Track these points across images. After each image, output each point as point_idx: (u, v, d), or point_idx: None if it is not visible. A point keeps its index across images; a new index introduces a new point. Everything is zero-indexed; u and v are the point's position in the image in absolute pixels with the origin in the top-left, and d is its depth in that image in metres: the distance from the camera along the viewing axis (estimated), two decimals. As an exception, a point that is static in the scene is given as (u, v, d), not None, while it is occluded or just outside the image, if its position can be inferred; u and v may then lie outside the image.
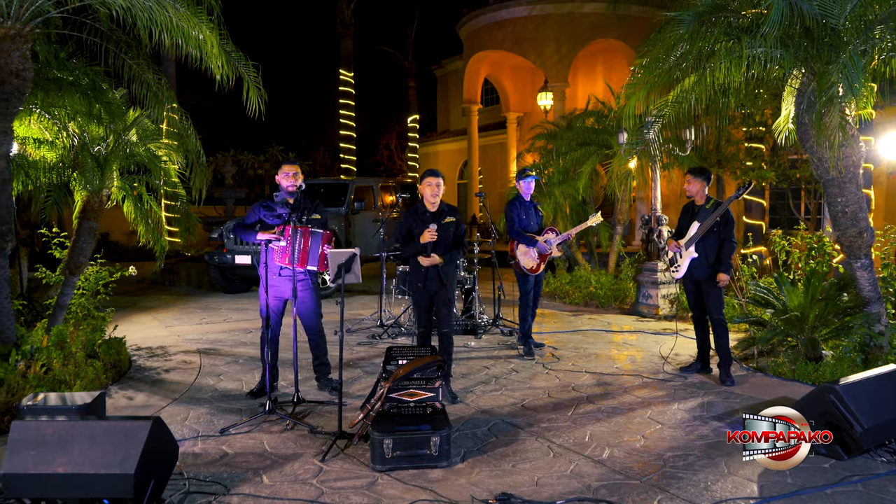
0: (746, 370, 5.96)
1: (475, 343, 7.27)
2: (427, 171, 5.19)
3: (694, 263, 5.58)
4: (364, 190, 12.13)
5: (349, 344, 7.24)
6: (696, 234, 5.49)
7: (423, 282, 5.13)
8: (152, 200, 7.25)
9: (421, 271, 5.12)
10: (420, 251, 5.08)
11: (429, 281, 5.12)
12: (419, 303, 5.25)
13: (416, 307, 5.34)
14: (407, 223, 5.18)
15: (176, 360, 6.53)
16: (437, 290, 5.15)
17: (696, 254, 5.53)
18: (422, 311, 5.24)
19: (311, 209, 5.31)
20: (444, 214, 5.13)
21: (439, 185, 5.08)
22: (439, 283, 5.13)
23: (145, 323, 8.57)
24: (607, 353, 6.75)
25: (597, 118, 11.17)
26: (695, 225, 5.55)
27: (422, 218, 5.08)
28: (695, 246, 5.55)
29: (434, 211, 5.14)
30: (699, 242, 5.52)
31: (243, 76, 5.42)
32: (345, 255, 4.25)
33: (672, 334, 7.58)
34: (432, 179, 5.07)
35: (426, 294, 5.18)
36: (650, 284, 8.85)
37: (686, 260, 5.59)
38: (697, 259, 5.55)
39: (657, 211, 8.99)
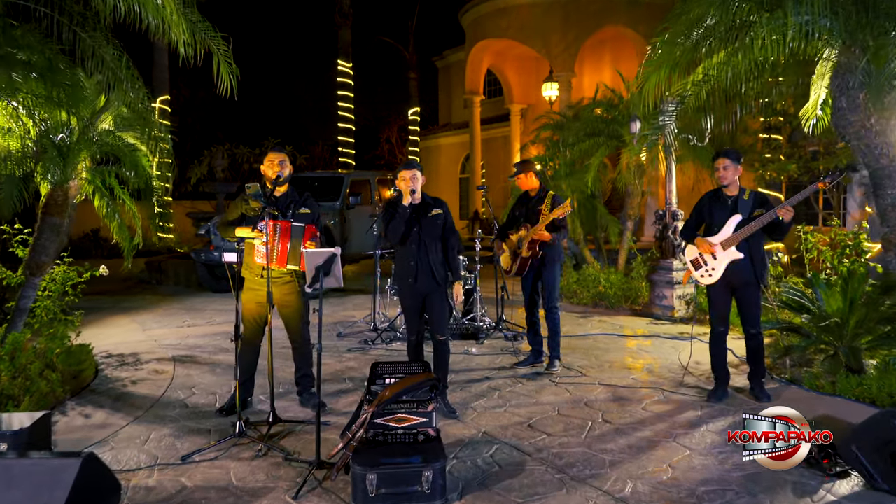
0: (779, 382, 5.34)
1: (476, 349, 6.67)
2: (402, 163, 4.69)
3: (734, 267, 4.78)
4: (360, 184, 11.54)
5: (338, 350, 6.65)
6: (742, 231, 4.69)
7: (413, 277, 4.54)
8: (125, 194, 6.65)
9: (410, 265, 4.55)
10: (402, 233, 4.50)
11: (420, 277, 4.54)
12: (409, 305, 4.67)
13: (405, 310, 4.72)
14: (387, 217, 4.63)
15: (147, 369, 5.95)
16: (431, 289, 4.58)
17: (742, 254, 4.74)
18: (412, 315, 4.65)
19: (300, 202, 4.73)
20: (430, 207, 4.62)
21: (414, 178, 4.52)
22: (432, 280, 4.56)
23: (123, 326, 7.99)
24: (621, 362, 6.14)
25: (606, 107, 10.53)
26: (734, 219, 4.76)
27: (400, 214, 4.53)
28: (736, 246, 4.74)
29: (417, 204, 4.59)
30: (745, 241, 4.73)
31: (212, 50, 4.81)
32: (322, 255, 3.65)
33: (690, 339, 6.98)
34: (405, 173, 4.54)
35: (417, 294, 4.60)
36: (665, 284, 8.23)
37: (723, 262, 4.80)
38: (742, 261, 4.75)
39: (672, 205, 8.37)
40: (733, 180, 4.81)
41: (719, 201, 4.92)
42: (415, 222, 4.54)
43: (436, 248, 4.57)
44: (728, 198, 4.86)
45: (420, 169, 4.62)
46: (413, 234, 4.53)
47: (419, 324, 4.67)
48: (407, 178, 4.51)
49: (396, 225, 4.51)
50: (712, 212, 4.93)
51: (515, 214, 5.94)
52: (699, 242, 4.89)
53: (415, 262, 4.52)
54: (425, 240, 4.53)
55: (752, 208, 4.73)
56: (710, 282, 4.90)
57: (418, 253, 4.52)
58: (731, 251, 4.77)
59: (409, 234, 4.53)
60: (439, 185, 23.71)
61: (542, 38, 16.39)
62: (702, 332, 7.25)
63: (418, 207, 4.57)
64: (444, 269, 4.62)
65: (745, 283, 4.81)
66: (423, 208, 4.58)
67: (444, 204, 4.75)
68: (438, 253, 4.59)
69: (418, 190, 4.55)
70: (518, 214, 5.90)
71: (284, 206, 4.62)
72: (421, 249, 4.52)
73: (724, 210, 4.85)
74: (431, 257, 4.54)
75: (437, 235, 4.59)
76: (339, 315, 8.70)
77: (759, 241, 4.79)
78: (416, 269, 4.52)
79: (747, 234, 4.69)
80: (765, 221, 4.65)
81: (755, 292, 4.85)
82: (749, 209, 4.74)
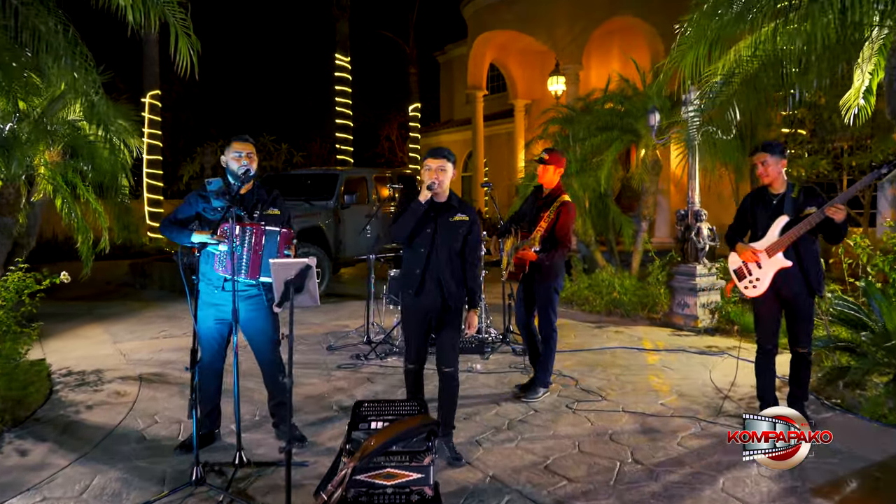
0: (830, 408, 4.63)
1: (481, 365, 5.95)
2: (430, 150, 3.80)
3: (783, 276, 4.07)
4: (356, 182, 10.82)
5: (326, 367, 5.94)
6: (788, 235, 4.00)
7: (416, 289, 3.74)
8: (89, 192, 5.95)
9: (414, 273, 3.74)
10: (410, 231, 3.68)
11: (425, 291, 3.74)
12: (411, 323, 3.85)
13: (405, 329, 3.93)
14: (398, 210, 3.82)
15: (108, 390, 5.24)
16: (438, 309, 3.77)
17: (790, 262, 4.05)
18: (414, 337, 3.84)
19: (268, 202, 4.02)
20: (453, 210, 3.77)
21: (442, 170, 3.69)
22: (440, 297, 3.74)
23: (93, 337, 7.28)
24: (645, 382, 5.42)
25: (620, 99, 9.79)
26: (779, 222, 4.06)
27: (413, 208, 3.69)
28: (783, 252, 4.05)
29: (440, 203, 3.78)
30: (793, 246, 4.04)
31: (168, 20, 4.10)
32: (293, 267, 2.93)
33: (720, 354, 6.27)
34: (433, 162, 3.70)
35: (420, 310, 3.79)
36: (687, 291, 7.51)
37: (770, 271, 4.09)
38: (791, 270, 4.04)
39: (695, 205, 7.65)
40: (777, 177, 4.09)
41: (763, 202, 4.20)
42: (430, 222, 3.72)
43: (450, 259, 3.75)
44: (773, 197, 4.14)
45: (451, 160, 3.75)
46: (424, 235, 3.71)
47: (422, 348, 3.85)
48: (433, 167, 3.68)
49: (406, 220, 3.67)
50: (755, 214, 4.22)
51: (523, 209, 5.16)
52: (741, 249, 4.19)
53: (421, 269, 3.70)
54: (438, 245, 3.71)
55: (801, 207, 4.01)
56: (755, 294, 4.18)
57: (427, 259, 3.70)
58: (777, 258, 4.05)
59: (419, 233, 3.71)
60: (441, 183, 22.96)
61: (547, 29, 15.66)
62: (730, 346, 6.55)
63: (438, 207, 3.76)
64: (458, 289, 3.79)
65: (796, 294, 4.10)
66: (445, 209, 3.77)
67: (474, 212, 3.87)
68: (454, 265, 3.76)
69: (445, 186, 3.73)
70: (524, 211, 5.11)
71: (251, 205, 3.91)
72: (432, 256, 3.70)
73: (768, 211, 4.14)
74: (443, 268, 3.72)
75: (455, 245, 3.77)
76: (331, 324, 7.99)
77: (810, 246, 4.08)
78: (422, 279, 3.71)
79: (794, 238, 3.98)
80: (813, 223, 3.93)
81: (808, 305, 4.13)
82: (797, 209, 4.02)
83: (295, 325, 8.19)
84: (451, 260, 3.75)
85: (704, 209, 7.76)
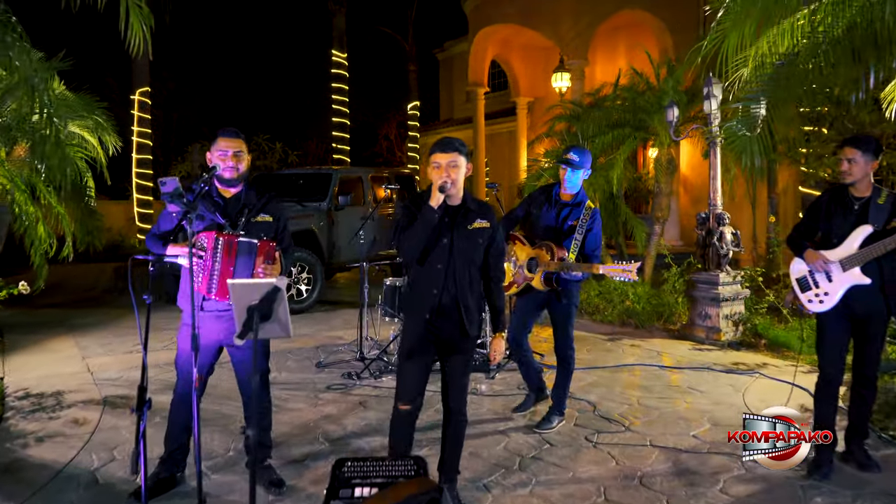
0: (889, 443, 4.03)
1: (486, 386, 5.36)
2: (436, 143, 3.05)
3: (858, 293, 3.47)
4: (351, 182, 10.21)
5: (315, 388, 5.34)
6: (871, 249, 3.39)
7: (431, 313, 3.03)
8: (51, 194, 5.35)
9: (431, 293, 3.00)
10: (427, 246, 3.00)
11: (441, 316, 3.03)
12: (414, 352, 3.08)
13: (403, 357, 3.13)
14: (402, 220, 3.05)
15: (66, 417, 4.64)
16: (453, 338, 3.09)
17: (869, 279, 3.43)
18: (414, 370, 3.09)
19: (258, 207, 3.41)
20: (471, 215, 3.06)
21: (455, 165, 2.95)
22: (457, 324, 3.05)
23: (61, 351, 6.67)
24: (672, 408, 4.82)
25: (631, 95, 9.20)
26: (862, 231, 3.44)
27: (425, 217, 2.93)
28: (861, 267, 3.45)
29: (455, 206, 3.05)
30: (875, 261, 3.43)
31: (117, -9, 3.51)
32: (258, 289, 2.34)
33: (751, 373, 5.67)
34: (441, 157, 2.95)
35: (429, 338, 3.07)
36: (709, 301, 6.91)
37: (842, 285, 3.49)
38: (869, 287, 3.44)
39: (717, 207, 7.05)
40: (863, 178, 3.47)
41: (843, 204, 3.58)
42: (445, 230, 3.01)
43: (470, 276, 3.07)
44: (855, 201, 3.53)
45: (464, 152, 3.01)
46: (440, 248, 3.01)
47: (422, 384, 3.12)
48: (443, 163, 2.94)
49: (417, 232, 2.93)
50: (831, 217, 3.60)
51: (530, 212, 4.42)
52: (810, 256, 3.56)
53: (439, 289, 3.01)
54: (457, 259, 3.02)
55: (890, 217, 3.40)
56: (820, 309, 3.57)
57: (445, 277, 3.02)
58: (853, 272, 3.45)
59: (433, 246, 3.01)
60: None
61: (552, 23, 15.07)
62: (759, 363, 5.97)
63: (453, 211, 3.05)
64: (478, 312, 3.14)
65: (871, 314, 3.51)
66: (462, 214, 3.06)
67: (493, 213, 3.16)
68: (474, 284, 3.10)
69: (460, 185, 3.01)
70: (535, 216, 4.40)
71: (235, 212, 3.32)
72: (450, 272, 3.02)
73: (849, 217, 3.52)
74: (462, 289, 3.04)
75: (475, 258, 3.08)
76: (323, 335, 7.39)
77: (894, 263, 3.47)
78: (439, 302, 3.02)
79: (879, 254, 3.36)
80: None
81: (883, 324, 3.55)
82: (884, 218, 3.41)
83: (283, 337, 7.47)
84: (471, 277, 3.08)
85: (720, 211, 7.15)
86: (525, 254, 4.41)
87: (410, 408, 3.10)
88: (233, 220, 3.26)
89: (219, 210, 3.27)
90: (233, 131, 3.40)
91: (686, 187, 14.37)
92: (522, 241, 4.48)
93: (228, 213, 3.29)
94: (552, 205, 4.35)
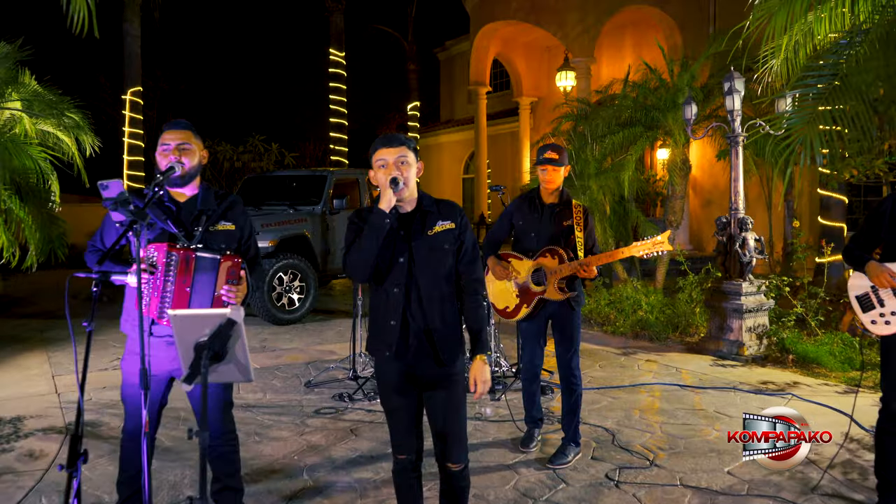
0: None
1: (491, 410, 4.85)
2: (378, 139, 2.52)
3: None
4: (347, 184, 9.72)
5: (302, 411, 4.84)
6: None
7: (392, 348, 2.47)
8: (13, 199, 4.86)
9: (388, 325, 2.47)
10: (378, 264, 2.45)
11: (407, 349, 2.47)
12: (391, 397, 2.55)
13: (385, 404, 2.61)
14: (349, 237, 2.52)
15: (21, 448, 4.14)
16: (429, 373, 2.51)
17: None
18: (399, 416, 2.55)
19: (218, 213, 2.89)
20: (431, 218, 2.52)
21: (405, 161, 2.44)
22: (430, 356, 2.48)
23: (29, 368, 6.17)
24: (700, 437, 4.31)
25: (643, 92, 8.71)
26: None
27: (373, 226, 2.39)
28: None
29: (410, 212, 2.53)
30: None
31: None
32: (208, 321, 1.83)
33: (782, 394, 5.17)
34: (385, 153, 2.44)
35: (401, 378, 2.52)
36: (731, 312, 6.40)
37: None
38: None
39: (739, 211, 6.54)
40: None
41: None
42: (400, 244, 2.48)
43: (440, 294, 2.50)
44: None
45: (412, 147, 2.50)
46: (397, 270, 2.47)
47: (414, 430, 2.57)
48: (390, 160, 2.43)
49: (364, 246, 2.40)
50: None
51: (516, 224, 4.01)
52: (873, 270, 3.04)
53: (398, 320, 2.46)
54: (419, 279, 2.47)
55: None
56: (886, 332, 3.06)
57: (407, 302, 2.47)
58: None
59: (388, 266, 2.47)
60: (441, 186, 21.90)
61: (556, 19, 14.58)
62: (790, 382, 5.47)
63: (408, 219, 2.52)
64: (455, 337, 2.54)
65: None
66: (419, 220, 2.51)
67: (458, 210, 2.60)
68: (445, 302, 2.51)
69: (410, 184, 2.47)
70: (522, 228, 3.99)
71: (190, 219, 2.81)
72: (412, 295, 2.47)
73: None
74: (431, 313, 2.48)
75: (441, 270, 2.50)
76: (314, 349, 6.90)
77: None
78: (401, 332, 2.47)
79: None
80: None
81: None
82: None
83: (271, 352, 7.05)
84: (440, 295, 2.50)
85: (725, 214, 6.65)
86: (525, 268, 3.94)
87: (408, 458, 2.57)
88: (188, 228, 2.76)
89: (170, 217, 2.76)
90: (179, 122, 2.86)
91: (695, 190, 13.88)
92: (517, 256, 4.00)
93: (182, 221, 2.78)
94: (540, 210, 3.96)
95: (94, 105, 18.96)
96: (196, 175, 2.85)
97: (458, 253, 2.55)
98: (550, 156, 3.84)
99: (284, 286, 8.26)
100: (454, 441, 2.53)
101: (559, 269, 3.78)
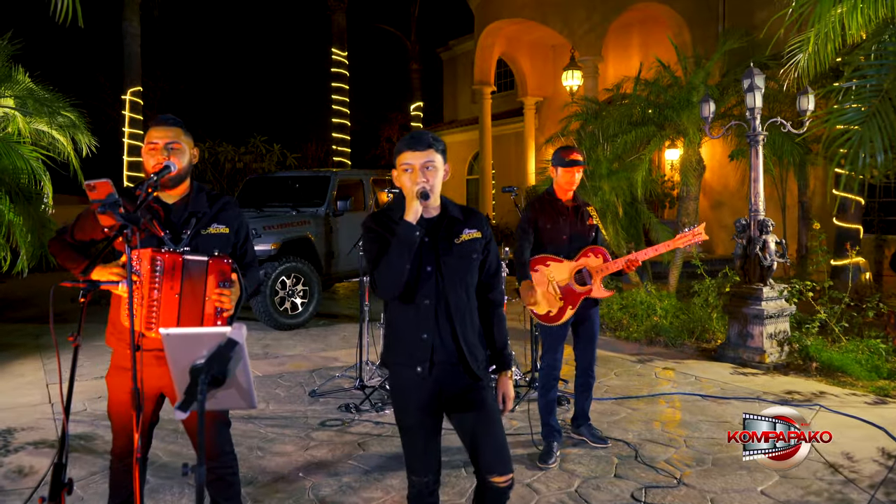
0: None
1: (504, 420, 4.61)
2: (404, 140, 2.31)
3: None
4: (351, 185, 9.50)
5: (306, 423, 4.61)
6: None
7: (426, 364, 2.26)
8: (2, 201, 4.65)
9: (421, 339, 2.26)
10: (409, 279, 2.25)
11: (439, 365, 2.27)
12: (414, 414, 2.32)
13: (402, 422, 2.38)
14: (371, 249, 2.32)
15: (10, 464, 3.91)
16: (460, 387, 2.32)
17: None
18: (421, 435, 2.33)
19: (210, 215, 2.66)
20: (458, 226, 2.34)
21: (432, 166, 2.26)
22: (460, 369, 2.30)
23: (23, 375, 5.95)
24: (727, 452, 4.06)
25: (656, 90, 8.47)
26: None
27: (402, 238, 2.20)
28: None
29: (435, 218, 2.34)
30: None
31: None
32: (206, 340, 1.59)
33: (809, 405, 4.93)
34: (413, 156, 2.24)
35: (430, 396, 2.31)
36: (751, 318, 6.16)
37: None
38: None
39: (759, 213, 6.30)
40: None
41: None
42: (428, 253, 2.28)
43: (468, 305, 2.34)
44: None
45: (440, 149, 2.30)
46: (425, 279, 2.27)
47: (436, 450, 2.37)
48: (416, 164, 2.24)
49: (394, 260, 2.20)
50: None
51: (543, 228, 3.90)
52: None
53: (431, 333, 2.27)
54: (449, 290, 2.28)
55: None
56: None
57: (437, 318, 2.28)
58: None
59: (416, 277, 2.26)
60: (445, 187, 21.32)
61: (563, 16, 14.35)
62: (815, 392, 5.23)
63: (434, 225, 2.33)
64: (482, 346, 2.39)
65: None
66: (445, 227, 2.33)
67: (484, 219, 2.44)
68: (473, 312, 2.36)
69: (436, 190, 2.29)
70: (550, 228, 3.88)
71: (180, 222, 2.58)
72: (441, 308, 2.28)
73: None
74: (462, 324, 2.30)
75: (469, 280, 2.34)
76: (319, 356, 6.67)
77: None
78: (433, 348, 2.27)
79: None
80: None
81: None
82: None
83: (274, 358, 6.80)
84: (469, 307, 2.34)
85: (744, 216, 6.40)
86: (567, 269, 3.91)
87: (428, 480, 2.35)
88: (176, 231, 2.53)
89: (158, 219, 2.53)
90: (167, 119, 2.62)
91: (705, 191, 13.63)
92: (554, 258, 3.91)
93: (172, 223, 2.55)
94: (564, 211, 3.93)
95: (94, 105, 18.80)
96: (186, 176, 2.62)
97: (484, 264, 2.41)
98: (577, 157, 3.85)
99: (287, 290, 8.03)
100: (500, 450, 2.31)
101: (605, 267, 3.86)
